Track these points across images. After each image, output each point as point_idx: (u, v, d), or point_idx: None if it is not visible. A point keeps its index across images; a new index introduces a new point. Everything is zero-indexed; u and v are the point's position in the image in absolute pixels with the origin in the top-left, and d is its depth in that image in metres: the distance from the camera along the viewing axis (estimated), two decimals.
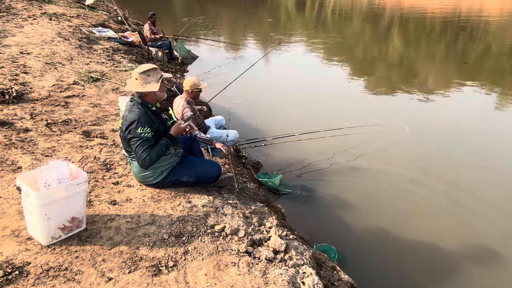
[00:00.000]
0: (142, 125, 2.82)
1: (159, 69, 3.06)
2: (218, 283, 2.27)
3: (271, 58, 11.82)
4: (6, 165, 3.30)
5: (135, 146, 2.85)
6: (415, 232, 4.18)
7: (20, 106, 4.60)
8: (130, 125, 2.83)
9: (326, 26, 18.39)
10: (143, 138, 2.83)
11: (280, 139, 5.64)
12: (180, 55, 10.21)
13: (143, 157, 2.83)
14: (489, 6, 23.39)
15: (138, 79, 2.91)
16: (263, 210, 3.33)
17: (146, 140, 2.84)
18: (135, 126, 2.82)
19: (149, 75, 2.92)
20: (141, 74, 2.90)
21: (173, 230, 2.69)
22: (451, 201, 4.68)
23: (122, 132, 2.92)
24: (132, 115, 2.85)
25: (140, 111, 2.87)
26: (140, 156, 2.84)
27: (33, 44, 7.27)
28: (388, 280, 3.58)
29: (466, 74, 10.29)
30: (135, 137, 2.83)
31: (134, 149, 2.86)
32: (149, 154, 2.83)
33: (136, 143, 2.84)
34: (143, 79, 2.91)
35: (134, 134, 2.83)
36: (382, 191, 4.85)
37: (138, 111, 2.87)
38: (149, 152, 2.84)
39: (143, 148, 2.83)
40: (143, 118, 2.84)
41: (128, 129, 2.84)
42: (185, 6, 23.12)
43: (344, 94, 8.53)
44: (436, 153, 5.76)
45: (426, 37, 15.16)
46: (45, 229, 2.37)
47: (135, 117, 2.83)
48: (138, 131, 2.82)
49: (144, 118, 2.84)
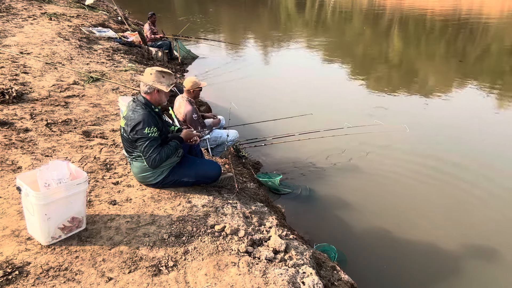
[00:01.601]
0: (149, 125, 2.83)
1: (174, 76, 3.10)
2: (218, 283, 2.28)
3: (271, 58, 11.83)
4: (6, 165, 3.30)
5: (143, 146, 2.86)
6: (415, 232, 4.18)
7: (20, 106, 4.60)
8: (136, 125, 2.83)
9: (326, 26, 18.39)
10: (150, 138, 2.84)
11: (280, 139, 5.64)
12: (180, 55, 10.21)
13: (152, 157, 2.85)
14: (489, 6, 23.39)
15: (152, 75, 2.95)
16: (263, 210, 3.33)
17: (154, 140, 2.86)
18: (142, 126, 2.82)
19: (163, 76, 2.98)
20: (158, 72, 2.96)
21: (173, 230, 2.69)
22: (452, 201, 4.69)
23: (126, 133, 2.91)
24: (137, 115, 2.85)
25: (144, 111, 2.88)
26: (149, 156, 2.85)
27: (33, 44, 7.27)
28: (388, 280, 3.58)
29: (466, 73, 10.29)
30: (142, 137, 2.84)
31: (143, 150, 2.87)
32: (159, 154, 2.86)
33: (144, 144, 2.85)
34: (157, 77, 2.95)
35: (141, 135, 2.84)
36: (382, 191, 4.85)
37: (142, 111, 2.87)
38: (159, 151, 2.87)
39: (152, 148, 2.85)
40: (149, 119, 2.85)
41: (135, 129, 2.84)
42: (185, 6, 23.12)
43: (344, 94, 8.53)
44: (436, 153, 5.76)
45: (426, 37, 15.16)
46: (45, 229, 2.37)
47: (141, 117, 2.84)
48: (146, 131, 2.83)
49: (149, 119, 2.86)
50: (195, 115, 4.22)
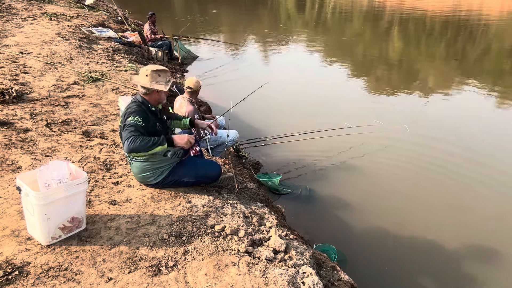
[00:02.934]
0: (134, 115, 2.83)
1: (169, 72, 3.09)
2: (218, 283, 2.27)
3: (271, 58, 11.83)
4: (6, 165, 3.30)
5: (125, 133, 2.79)
6: (415, 231, 4.18)
7: (20, 106, 4.60)
8: (125, 116, 2.87)
9: (326, 26, 18.39)
10: (131, 124, 2.79)
11: (280, 139, 5.64)
12: (180, 55, 10.21)
13: (126, 138, 2.75)
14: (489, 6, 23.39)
15: (148, 76, 2.93)
16: (263, 210, 3.33)
17: (134, 126, 2.78)
18: (128, 115, 2.85)
19: (159, 75, 2.96)
20: (153, 72, 2.93)
21: (173, 230, 2.69)
22: (452, 201, 4.69)
23: (121, 130, 2.93)
24: (129, 109, 2.91)
25: (137, 108, 2.91)
26: (125, 138, 2.76)
27: (33, 44, 7.27)
28: (388, 280, 3.58)
29: (466, 73, 10.29)
30: (126, 124, 2.82)
31: (124, 136, 2.80)
32: (133, 137, 2.73)
33: (125, 128, 2.82)
34: (153, 77, 2.94)
35: (125, 122, 2.84)
36: (382, 191, 4.86)
37: (135, 107, 2.91)
38: (135, 136, 2.74)
39: (131, 134, 2.75)
40: (139, 112, 2.87)
41: (123, 122, 2.87)
42: (185, 6, 23.12)
43: (344, 94, 8.53)
44: (436, 153, 5.76)
45: (426, 37, 15.16)
46: (45, 229, 2.37)
47: (131, 110, 2.89)
48: (129, 119, 2.82)
49: (139, 112, 2.87)
50: (197, 115, 4.23)
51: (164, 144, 2.82)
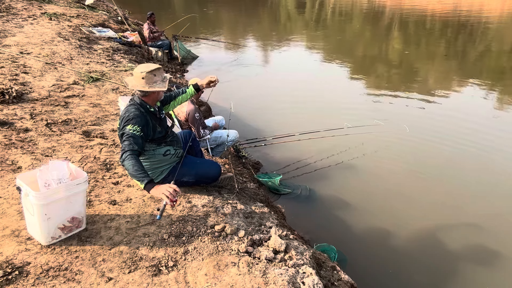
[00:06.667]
0: (134, 123, 2.79)
1: (162, 68, 3.06)
2: (218, 283, 2.27)
3: (271, 58, 11.83)
4: (6, 165, 3.30)
5: (123, 141, 2.79)
6: (415, 232, 4.18)
7: (20, 106, 4.60)
8: (122, 121, 2.85)
9: (326, 26, 18.39)
10: (129, 135, 2.76)
11: (280, 139, 5.64)
12: (180, 55, 10.21)
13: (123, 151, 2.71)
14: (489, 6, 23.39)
15: (144, 79, 2.87)
16: (263, 210, 3.33)
17: (132, 137, 2.75)
18: (126, 123, 2.81)
19: (155, 75, 2.91)
20: (148, 73, 2.87)
21: (173, 230, 2.69)
22: (452, 201, 4.68)
23: (119, 132, 2.92)
24: (127, 114, 2.86)
25: (136, 111, 2.86)
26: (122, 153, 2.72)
27: (33, 44, 7.27)
28: (388, 280, 3.58)
29: (466, 73, 10.29)
30: (124, 133, 2.80)
31: (122, 143, 2.80)
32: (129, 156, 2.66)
33: (123, 138, 2.79)
34: (149, 78, 2.88)
35: (123, 131, 2.81)
36: (382, 191, 4.85)
37: (134, 111, 2.86)
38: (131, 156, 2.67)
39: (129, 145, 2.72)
40: (137, 119, 2.82)
41: (121, 125, 2.85)
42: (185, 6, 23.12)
43: (344, 94, 8.53)
44: (436, 153, 5.76)
45: (426, 37, 15.15)
46: (45, 229, 2.37)
47: (130, 116, 2.83)
48: (128, 127, 2.78)
49: (138, 119, 2.82)
50: (197, 115, 4.23)
51: (141, 184, 2.66)
